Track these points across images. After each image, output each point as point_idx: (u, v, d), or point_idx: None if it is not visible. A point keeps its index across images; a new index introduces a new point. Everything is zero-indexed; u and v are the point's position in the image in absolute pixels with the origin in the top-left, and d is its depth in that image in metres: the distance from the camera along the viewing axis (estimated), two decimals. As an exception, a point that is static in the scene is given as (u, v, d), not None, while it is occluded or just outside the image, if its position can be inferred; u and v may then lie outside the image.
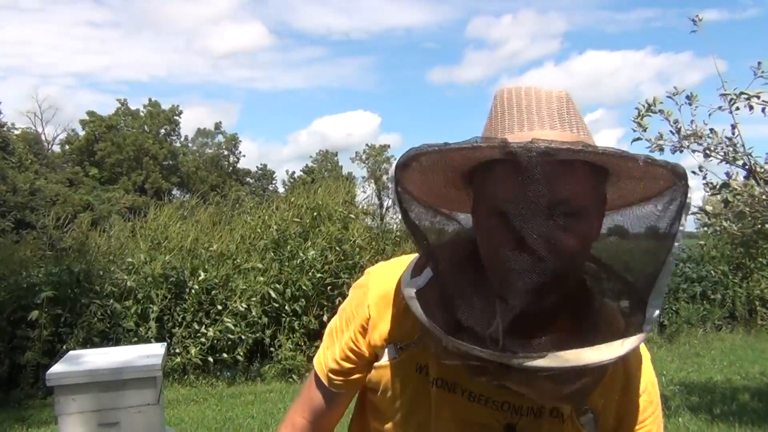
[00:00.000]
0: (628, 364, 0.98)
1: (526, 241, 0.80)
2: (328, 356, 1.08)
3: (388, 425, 1.04)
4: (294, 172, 43.73)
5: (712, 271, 10.36)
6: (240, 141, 47.20)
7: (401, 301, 0.98)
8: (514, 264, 0.81)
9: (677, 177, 0.84)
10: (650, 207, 0.90)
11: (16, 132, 36.67)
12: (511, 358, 0.82)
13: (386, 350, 1.02)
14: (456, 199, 0.95)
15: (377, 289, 1.05)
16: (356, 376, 1.06)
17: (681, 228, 0.85)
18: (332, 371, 1.07)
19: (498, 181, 0.85)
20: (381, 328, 1.02)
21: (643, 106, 4.71)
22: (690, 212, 0.87)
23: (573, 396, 0.88)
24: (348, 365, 1.05)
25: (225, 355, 7.31)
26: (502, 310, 0.82)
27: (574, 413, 0.96)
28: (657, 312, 0.86)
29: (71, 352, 3.73)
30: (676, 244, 0.86)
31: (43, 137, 41.15)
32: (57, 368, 3.15)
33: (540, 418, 0.96)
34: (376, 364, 1.03)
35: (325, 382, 1.09)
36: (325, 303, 7.91)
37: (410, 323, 0.96)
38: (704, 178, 4.90)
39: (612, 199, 0.92)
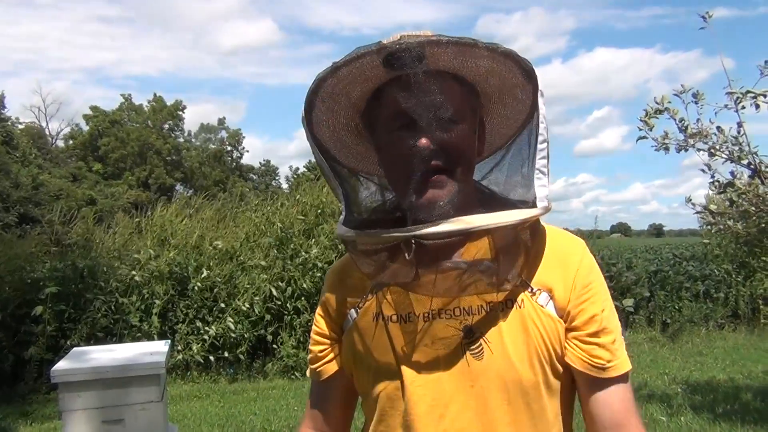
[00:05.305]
0: (559, 243, 1.05)
1: (415, 119, 0.91)
2: (308, 355, 1.20)
3: (368, 397, 1.08)
4: (298, 168, 43.67)
5: (715, 270, 10.33)
6: (244, 137, 47.26)
7: (349, 268, 1.10)
8: (411, 142, 0.93)
9: (524, 71, 0.96)
10: (511, 106, 1.04)
11: (21, 126, 36.76)
12: (417, 229, 0.92)
13: (348, 317, 1.10)
14: (364, 153, 1.10)
15: (330, 273, 1.18)
16: (330, 356, 1.14)
17: (541, 111, 0.97)
18: (311, 361, 1.18)
19: (385, 102, 0.98)
20: (337, 300, 1.12)
21: (652, 108, 4.68)
22: (544, 96, 0.98)
23: (469, 288, 0.96)
24: (319, 348, 1.15)
25: (227, 353, 7.33)
26: (407, 189, 0.94)
27: (527, 298, 1.00)
28: (545, 191, 0.97)
29: (75, 349, 3.74)
30: (542, 126, 0.97)
31: (47, 132, 41.26)
32: (62, 365, 3.16)
33: (492, 312, 1.00)
34: (343, 336, 1.12)
35: (309, 375, 1.19)
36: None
37: (360, 281, 1.07)
38: (712, 176, 4.88)
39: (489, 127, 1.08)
